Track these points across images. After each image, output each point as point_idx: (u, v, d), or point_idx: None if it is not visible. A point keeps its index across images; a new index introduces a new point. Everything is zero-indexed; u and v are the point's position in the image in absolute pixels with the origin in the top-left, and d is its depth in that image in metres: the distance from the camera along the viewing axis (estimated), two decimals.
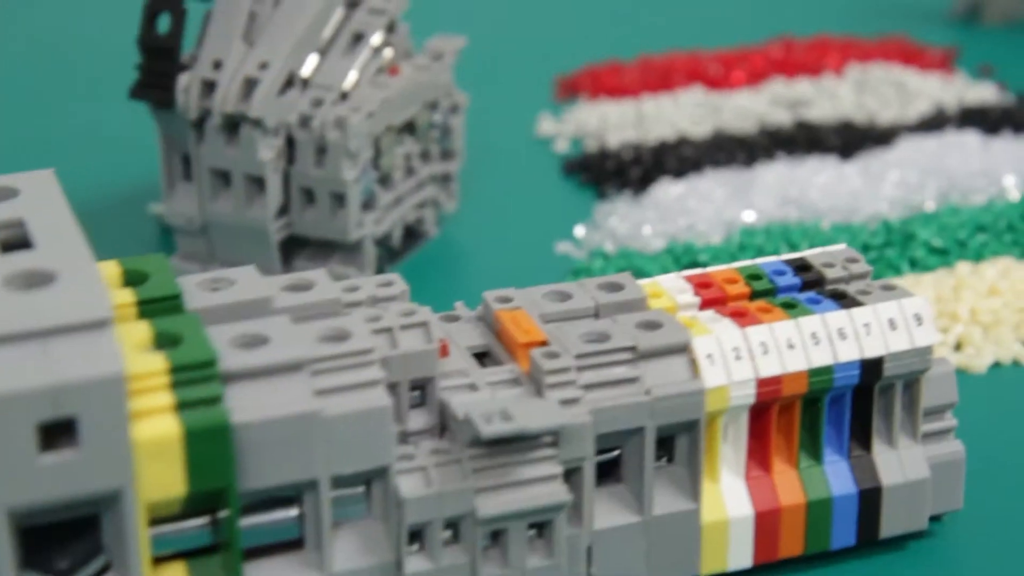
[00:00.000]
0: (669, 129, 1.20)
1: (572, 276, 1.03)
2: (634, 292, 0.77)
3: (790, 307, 0.77)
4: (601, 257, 1.05)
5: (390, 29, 1.03)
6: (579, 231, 1.08)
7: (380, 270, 1.01)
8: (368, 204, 0.99)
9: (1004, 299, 0.96)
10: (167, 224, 1.02)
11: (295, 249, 1.00)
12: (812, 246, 1.02)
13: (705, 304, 0.78)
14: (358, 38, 1.00)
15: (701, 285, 0.78)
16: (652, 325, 0.74)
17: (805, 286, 0.79)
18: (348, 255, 0.99)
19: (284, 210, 0.98)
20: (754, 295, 0.79)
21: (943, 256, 1.02)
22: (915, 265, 1.01)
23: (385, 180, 1.01)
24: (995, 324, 0.95)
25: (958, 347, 0.95)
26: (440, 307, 0.77)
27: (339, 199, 0.96)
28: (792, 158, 1.14)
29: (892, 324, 0.76)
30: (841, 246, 0.82)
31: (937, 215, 1.06)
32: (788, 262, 0.80)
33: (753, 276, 0.79)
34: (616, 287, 0.77)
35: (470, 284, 1.02)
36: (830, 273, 0.80)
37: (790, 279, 0.79)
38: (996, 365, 0.93)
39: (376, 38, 1.00)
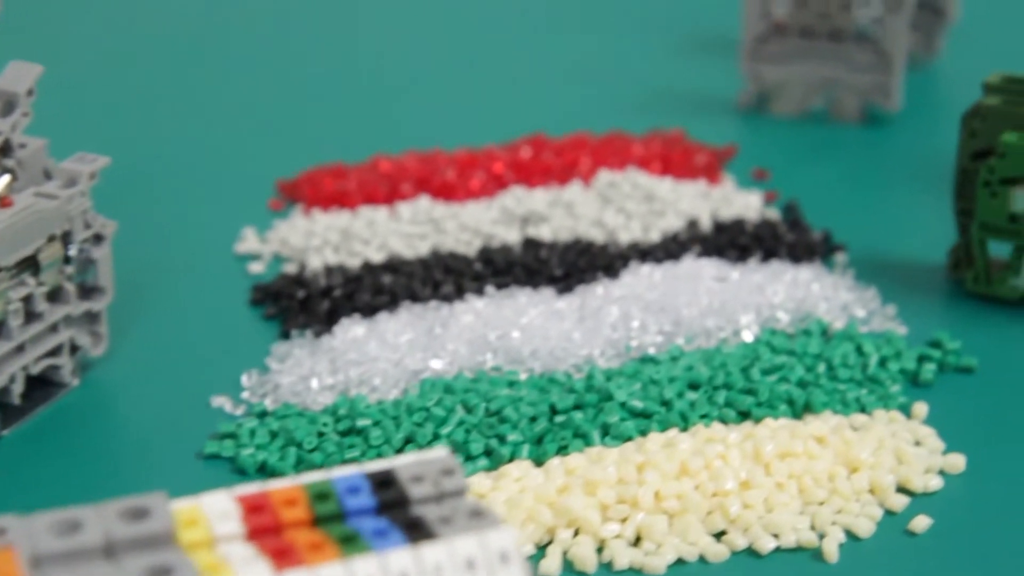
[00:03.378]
0: (379, 250, 1.06)
1: (217, 441, 0.88)
2: (160, 522, 0.63)
3: (348, 541, 0.63)
4: (257, 416, 0.91)
5: (4, 151, 0.89)
6: (245, 379, 0.94)
7: None
8: None
9: (697, 480, 0.83)
10: None
11: None
12: (488, 409, 0.88)
13: (252, 534, 0.64)
14: None
15: (253, 508, 0.64)
16: (159, 574, 0.60)
17: (382, 508, 0.65)
18: None
19: None
20: (316, 521, 0.65)
21: (644, 420, 0.88)
22: (608, 434, 0.87)
23: None
24: (681, 512, 0.81)
25: (636, 541, 0.81)
26: (70, 473, 0.64)
27: None
28: (503, 291, 1.00)
29: (470, 565, 0.62)
30: (442, 452, 0.68)
31: (649, 366, 0.93)
32: (371, 475, 0.66)
33: (321, 495, 0.65)
34: (141, 514, 0.63)
35: (109, 446, 0.89)
36: (417, 491, 0.66)
37: (365, 499, 0.65)
38: (679, 562, 0.80)
39: None
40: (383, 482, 0.66)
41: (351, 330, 0.96)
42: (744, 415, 0.89)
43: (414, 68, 1.37)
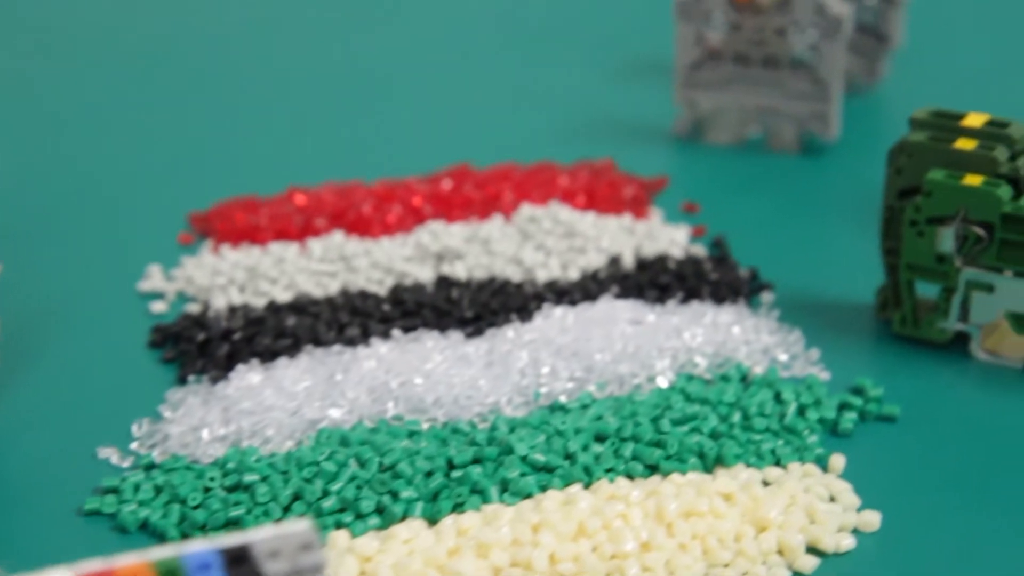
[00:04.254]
0: (286, 290, 1.02)
1: (99, 497, 0.84)
2: None
3: None
4: (143, 469, 0.87)
5: None
6: (136, 429, 0.90)
7: None
8: None
9: (594, 541, 0.79)
10: None
11: None
12: (383, 463, 0.84)
13: None
14: None
15: None
16: None
17: None
18: None
19: None
20: None
21: (546, 475, 0.84)
22: (507, 490, 0.83)
23: None
24: (577, 575, 0.77)
25: None
26: None
27: None
28: (410, 334, 0.96)
29: None
30: (302, 525, 0.64)
31: (558, 415, 0.89)
32: (224, 551, 0.62)
33: (168, 573, 0.61)
34: None
35: None
36: (272, 568, 0.62)
37: None
38: None
39: None
40: (237, 558, 0.62)
41: (247, 377, 0.92)
42: (652, 468, 0.85)
43: (337, 96, 1.33)
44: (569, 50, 1.40)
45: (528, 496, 0.83)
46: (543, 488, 0.83)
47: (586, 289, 1.01)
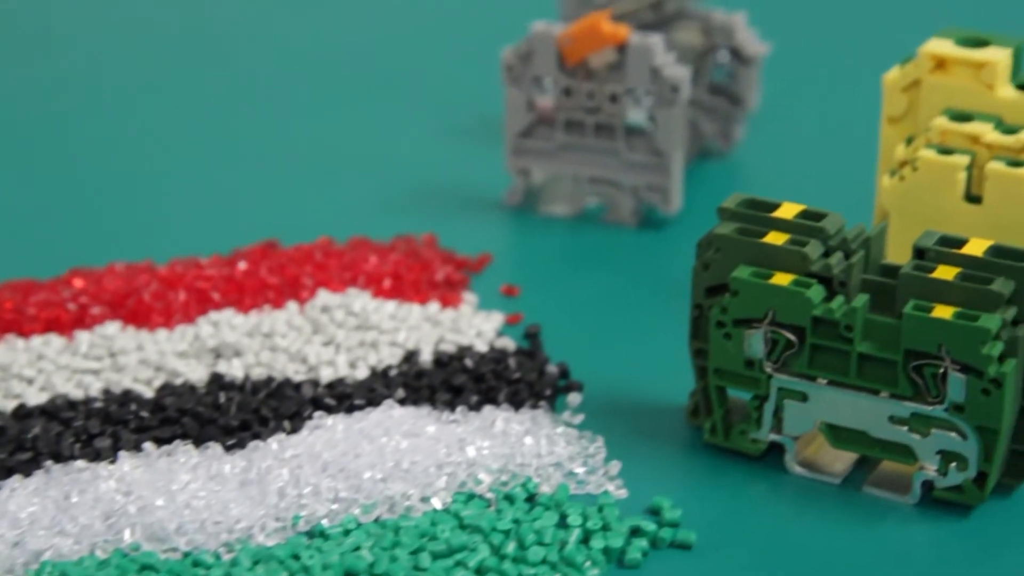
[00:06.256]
0: (41, 391, 0.92)
1: None
2: None
3: None
4: None
5: None
6: None
7: None
8: None
9: None
10: None
11: None
12: None
13: None
14: None
15: None
16: None
17: None
18: None
19: None
20: None
21: None
22: None
23: None
24: None
25: None
26: None
27: None
28: (163, 447, 0.87)
29: None
30: None
31: (317, 543, 0.80)
32: None
33: None
34: None
35: None
36: None
37: None
38: None
39: None
40: None
41: None
42: None
43: (136, 161, 1.22)
44: (399, 109, 1.30)
45: None
46: None
47: (372, 391, 0.92)
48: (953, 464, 0.84)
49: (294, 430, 0.88)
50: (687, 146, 1.17)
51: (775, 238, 0.85)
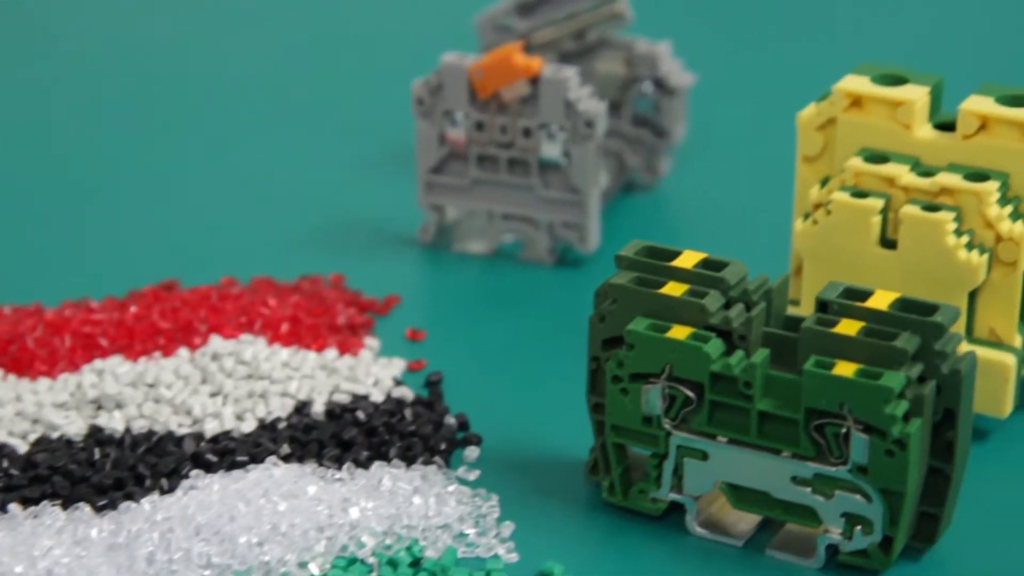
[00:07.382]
0: None
1: None
2: None
3: None
4: None
5: None
6: None
7: None
8: None
9: None
10: None
11: None
12: None
13: None
14: None
15: None
16: None
17: None
18: None
19: None
20: None
21: None
22: None
23: None
24: None
25: None
26: None
27: None
28: (28, 509, 0.82)
29: None
30: None
31: None
32: None
33: None
34: None
35: None
36: None
37: None
38: None
39: None
40: None
41: None
42: None
43: (27, 200, 1.17)
44: (311, 142, 1.26)
45: None
46: None
47: (257, 446, 0.87)
48: (858, 527, 0.79)
49: (170, 489, 0.84)
50: (611, 179, 1.14)
51: (673, 289, 0.81)
